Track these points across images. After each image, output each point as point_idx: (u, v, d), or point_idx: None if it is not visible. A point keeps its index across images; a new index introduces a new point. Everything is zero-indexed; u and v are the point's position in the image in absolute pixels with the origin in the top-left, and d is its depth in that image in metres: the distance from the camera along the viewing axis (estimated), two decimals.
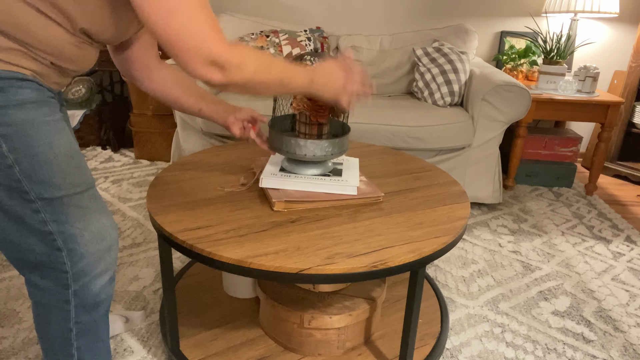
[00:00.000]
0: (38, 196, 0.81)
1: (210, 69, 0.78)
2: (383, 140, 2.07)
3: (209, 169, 1.32)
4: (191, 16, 0.74)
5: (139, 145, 2.70)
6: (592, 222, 2.19)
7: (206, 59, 0.77)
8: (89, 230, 0.87)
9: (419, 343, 1.28)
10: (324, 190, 1.14)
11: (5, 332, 1.32)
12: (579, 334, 1.42)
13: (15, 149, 0.77)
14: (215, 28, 0.77)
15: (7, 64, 0.76)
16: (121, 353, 1.27)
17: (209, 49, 0.76)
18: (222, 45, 0.77)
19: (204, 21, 0.75)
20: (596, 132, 2.93)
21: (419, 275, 1.02)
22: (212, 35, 0.76)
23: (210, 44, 0.76)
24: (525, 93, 2.02)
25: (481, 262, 1.79)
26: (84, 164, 0.88)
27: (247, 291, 1.42)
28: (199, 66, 0.77)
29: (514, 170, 2.44)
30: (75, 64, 0.86)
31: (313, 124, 1.16)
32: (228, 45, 0.78)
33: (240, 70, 0.80)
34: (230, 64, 0.78)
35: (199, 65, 0.77)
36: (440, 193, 1.24)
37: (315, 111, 1.14)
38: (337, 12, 2.84)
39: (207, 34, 0.76)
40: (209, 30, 0.76)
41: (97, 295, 0.93)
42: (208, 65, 0.77)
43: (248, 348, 1.23)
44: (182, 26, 0.74)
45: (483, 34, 2.85)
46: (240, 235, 0.98)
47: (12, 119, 0.76)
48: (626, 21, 2.78)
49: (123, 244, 1.81)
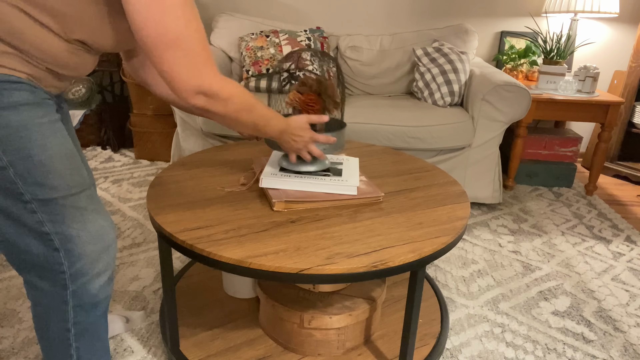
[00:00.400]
0: (34, 197, 0.81)
1: (198, 96, 0.83)
2: (383, 140, 2.07)
3: (209, 169, 1.32)
4: (187, 51, 0.79)
5: (139, 145, 2.70)
6: (592, 222, 2.19)
7: (197, 89, 0.82)
8: (86, 231, 0.87)
9: (419, 343, 1.28)
10: (324, 190, 1.14)
11: (5, 332, 1.32)
12: (579, 334, 1.42)
13: (9, 151, 0.77)
14: (208, 61, 0.82)
15: (1, 67, 0.76)
16: (121, 353, 1.27)
17: (200, 82, 0.82)
18: (214, 78, 0.83)
19: (197, 55, 0.80)
20: (596, 132, 2.93)
21: (419, 275, 1.02)
22: (204, 69, 0.81)
23: (202, 78, 0.82)
24: (525, 93, 2.02)
25: (481, 262, 1.79)
26: (81, 164, 0.88)
27: (247, 291, 1.42)
28: (187, 94, 0.82)
29: (514, 170, 2.44)
30: (71, 70, 0.86)
31: None
32: (220, 79, 0.84)
33: (225, 105, 0.87)
34: (218, 96, 0.85)
35: (188, 94, 0.82)
36: (440, 193, 1.24)
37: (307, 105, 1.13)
38: (337, 12, 2.84)
39: (199, 68, 0.81)
40: (202, 64, 0.81)
41: (95, 295, 0.93)
42: (195, 93, 0.83)
43: (248, 348, 1.23)
44: (178, 59, 0.79)
45: (483, 34, 2.85)
46: (240, 235, 0.98)
47: (6, 121, 0.76)
48: (626, 21, 2.78)
49: (123, 244, 1.81)
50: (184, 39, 0.78)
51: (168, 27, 0.76)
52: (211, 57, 0.83)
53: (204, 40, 0.81)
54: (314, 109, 1.14)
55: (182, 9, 0.77)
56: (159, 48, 0.77)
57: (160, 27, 0.76)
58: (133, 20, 0.76)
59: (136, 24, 0.76)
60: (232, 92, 0.86)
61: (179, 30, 0.77)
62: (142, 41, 0.78)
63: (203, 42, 0.81)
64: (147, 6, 0.75)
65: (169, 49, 0.78)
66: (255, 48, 2.42)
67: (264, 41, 2.43)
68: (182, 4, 0.77)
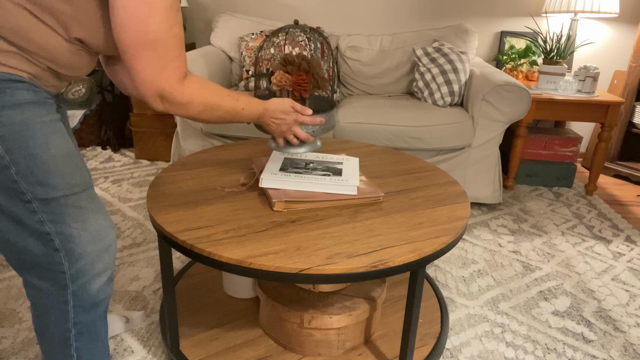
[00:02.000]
0: (35, 197, 0.81)
1: (156, 99, 0.86)
2: (383, 140, 2.07)
3: (209, 169, 1.32)
4: (161, 55, 0.81)
5: (139, 145, 2.70)
6: (592, 222, 2.19)
7: (157, 92, 0.84)
8: (86, 231, 0.87)
9: (419, 343, 1.28)
10: (324, 190, 1.14)
11: (5, 332, 1.32)
12: (579, 334, 1.42)
13: (11, 149, 0.77)
14: (178, 68, 0.84)
15: (3, 66, 0.76)
16: (121, 353, 1.27)
17: (163, 86, 0.84)
18: (176, 84, 0.85)
19: (170, 61, 0.82)
20: (596, 132, 2.93)
21: (419, 275, 1.02)
22: (171, 76, 0.84)
23: (166, 83, 0.84)
24: (525, 93, 2.02)
25: (481, 262, 1.79)
26: (82, 164, 0.88)
27: (247, 291, 1.42)
28: (148, 94, 0.85)
29: (514, 170, 2.44)
30: (71, 70, 0.86)
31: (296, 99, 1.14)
32: (180, 85, 0.86)
33: (185, 109, 0.90)
34: (177, 101, 0.87)
35: (148, 94, 0.85)
36: (440, 193, 1.24)
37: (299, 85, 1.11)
38: (337, 12, 2.84)
39: (167, 74, 0.83)
40: (171, 71, 0.83)
41: (95, 295, 0.93)
42: (156, 96, 0.85)
43: (248, 348, 1.23)
44: (149, 61, 0.81)
45: (483, 34, 2.85)
46: (240, 235, 0.98)
47: (8, 120, 0.76)
48: (626, 21, 2.78)
49: (123, 244, 1.81)
50: (162, 42, 0.80)
51: (150, 28, 0.78)
52: (183, 63, 0.86)
53: (180, 46, 0.83)
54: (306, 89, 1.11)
55: (167, 12, 0.79)
56: (136, 46, 0.79)
57: (143, 27, 0.78)
58: (117, 16, 0.78)
59: (119, 20, 0.78)
60: (192, 95, 0.89)
61: (159, 33, 0.79)
62: (120, 37, 0.79)
63: (179, 48, 0.83)
64: (135, 5, 0.76)
65: (145, 49, 0.79)
66: (255, 48, 2.42)
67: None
68: (168, 8, 0.79)
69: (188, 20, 2.92)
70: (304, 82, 1.10)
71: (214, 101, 0.93)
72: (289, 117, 1.08)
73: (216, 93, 0.94)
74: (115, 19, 0.78)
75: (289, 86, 1.11)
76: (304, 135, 1.12)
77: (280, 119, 1.07)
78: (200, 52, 2.33)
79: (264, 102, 1.04)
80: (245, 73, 2.42)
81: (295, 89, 1.10)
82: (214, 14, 2.88)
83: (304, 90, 1.10)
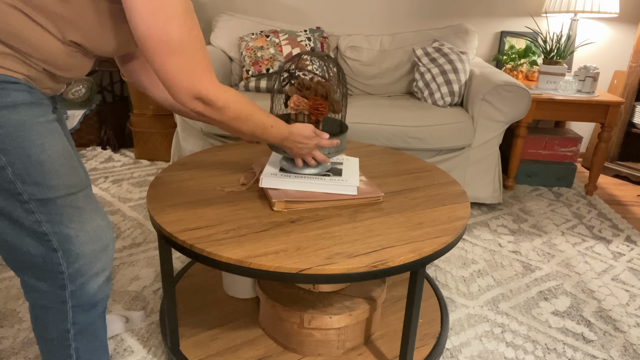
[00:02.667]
0: (32, 197, 0.81)
1: (195, 101, 0.86)
2: (383, 140, 2.07)
3: (209, 169, 1.32)
4: (189, 58, 0.81)
5: (139, 145, 2.70)
6: (592, 222, 2.19)
7: (195, 95, 0.84)
8: (84, 231, 0.87)
9: (419, 343, 1.28)
10: (324, 190, 1.14)
11: (5, 332, 1.32)
12: (579, 334, 1.42)
13: (7, 150, 0.77)
14: (207, 69, 0.85)
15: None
16: (121, 353, 1.27)
17: (199, 88, 0.84)
18: (211, 86, 0.86)
19: (198, 63, 0.83)
20: (596, 132, 2.93)
21: (419, 275, 1.02)
22: (203, 77, 0.84)
23: (200, 85, 0.84)
24: (525, 93, 2.02)
25: (481, 262, 1.79)
26: (78, 164, 0.88)
27: (247, 291, 1.42)
28: (186, 99, 0.85)
29: (514, 170, 2.44)
30: (67, 71, 0.86)
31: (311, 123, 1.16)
32: (217, 87, 0.87)
33: (220, 112, 0.89)
34: (214, 104, 0.87)
35: (186, 98, 0.85)
36: (440, 193, 1.24)
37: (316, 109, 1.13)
38: (337, 12, 2.84)
39: (199, 75, 0.83)
40: (201, 72, 0.83)
41: (94, 295, 0.93)
42: (194, 99, 0.85)
43: (248, 348, 1.23)
44: (179, 66, 0.81)
45: (483, 34, 2.85)
46: (240, 235, 0.98)
47: (4, 121, 0.76)
48: (626, 21, 2.78)
49: (123, 244, 1.81)
50: (186, 46, 0.80)
51: (171, 35, 0.78)
52: (210, 64, 0.86)
53: (204, 47, 0.84)
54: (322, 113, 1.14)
55: (184, 17, 0.79)
56: (161, 55, 0.79)
57: (164, 34, 0.78)
58: (136, 27, 0.78)
59: (139, 31, 0.78)
60: (228, 100, 0.89)
61: (182, 37, 0.79)
62: (145, 47, 0.79)
63: (203, 49, 0.83)
64: (151, 14, 0.76)
65: (172, 56, 0.80)
66: (255, 48, 2.42)
67: (264, 41, 2.43)
68: (184, 12, 0.79)
69: None
70: (321, 107, 1.13)
71: (248, 111, 0.94)
72: (312, 141, 1.11)
73: (250, 104, 0.95)
74: (136, 31, 0.78)
75: (306, 110, 1.13)
76: (322, 158, 1.15)
77: (304, 143, 1.10)
78: None
79: (290, 126, 1.07)
80: (245, 73, 2.42)
81: (313, 112, 1.14)
82: (214, 14, 2.88)
83: (320, 114, 1.13)
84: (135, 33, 0.78)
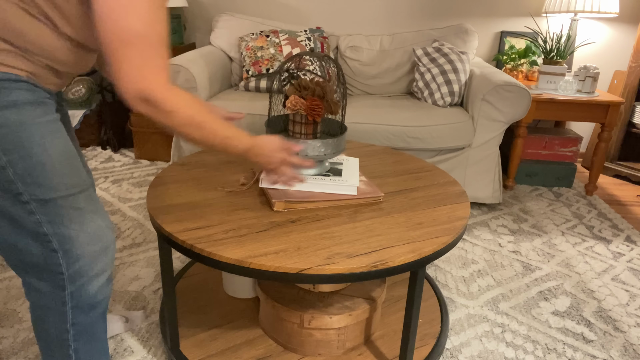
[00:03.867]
0: (32, 197, 0.81)
1: (139, 101, 0.79)
2: (383, 140, 2.07)
3: (209, 169, 1.32)
4: (141, 52, 0.75)
5: (139, 145, 2.70)
6: (592, 222, 2.19)
7: (139, 94, 0.78)
8: (84, 232, 0.87)
9: (419, 343, 1.28)
10: (324, 190, 1.14)
11: (5, 332, 1.32)
12: (579, 334, 1.42)
13: (8, 150, 0.77)
14: (161, 68, 0.78)
15: (0, 65, 0.76)
16: (121, 353, 1.27)
17: (144, 87, 0.77)
18: (160, 87, 0.78)
19: (151, 59, 0.76)
20: (596, 132, 2.93)
21: (419, 275, 1.02)
22: (153, 76, 0.77)
23: (148, 83, 0.77)
24: (525, 93, 2.02)
25: (481, 262, 1.79)
26: (80, 165, 0.88)
27: (247, 291, 1.42)
28: (130, 97, 0.78)
29: (514, 170, 2.44)
30: (70, 67, 0.86)
31: (309, 123, 1.16)
32: (166, 89, 0.79)
33: (167, 116, 0.82)
34: (160, 106, 0.80)
35: (131, 96, 0.78)
36: (440, 193, 1.24)
37: (313, 110, 1.13)
38: (337, 12, 2.84)
39: (148, 73, 0.77)
40: (153, 70, 0.77)
41: (94, 296, 0.92)
42: (138, 98, 0.78)
43: (248, 348, 1.23)
44: (130, 58, 0.75)
45: (483, 34, 2.85)
46: (240, 235, 0.98)
47: (5, 120, 0.76)
48: (626, 21, 2.78)
49: (123, 244, 1.81)
50: (142, 39, 0.75)
51: (129, 25, 0.73)
52: (166, 65, 0.80)
53: (162, 45, 0.78)
54: (319, 114, 1.14)
55: (148, 8, 0.74)
56: (114, 43, 0.74)
57: (121, 23, 0.73)
58: (97, 10, 0.74)
59: (99, 14, 0.74)
60: (178, 104, 0.82)
61: (139, 29, 0.74)
62: (100, 32, 0.75)
63: (161, 47, 0.78)
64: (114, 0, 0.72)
65: (124, 47, 0.74)
66: (255, 48, 2.42)
67: (264, 41, 2.43)
68: (150, 4, 0.74)
69: (188, 20, 2.92)
70: (317, 107, 1.12)
71: (201, 119, 0.86)
72: (277, 156, 1.04)
73: (205, 112, 0.88)
74: (95, 13, 0.74)
75: (303, 110, 1.12)
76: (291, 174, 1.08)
77: (268, 157, 1.03)
78: (200, 52, 2.33)
79: (254, 138, 1.00)
80: (245, 73, 2.42)
81: (309, 113, 1.13)
82: (214, 14, 2.88)
83: (317, 114, 1.12)
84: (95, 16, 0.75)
